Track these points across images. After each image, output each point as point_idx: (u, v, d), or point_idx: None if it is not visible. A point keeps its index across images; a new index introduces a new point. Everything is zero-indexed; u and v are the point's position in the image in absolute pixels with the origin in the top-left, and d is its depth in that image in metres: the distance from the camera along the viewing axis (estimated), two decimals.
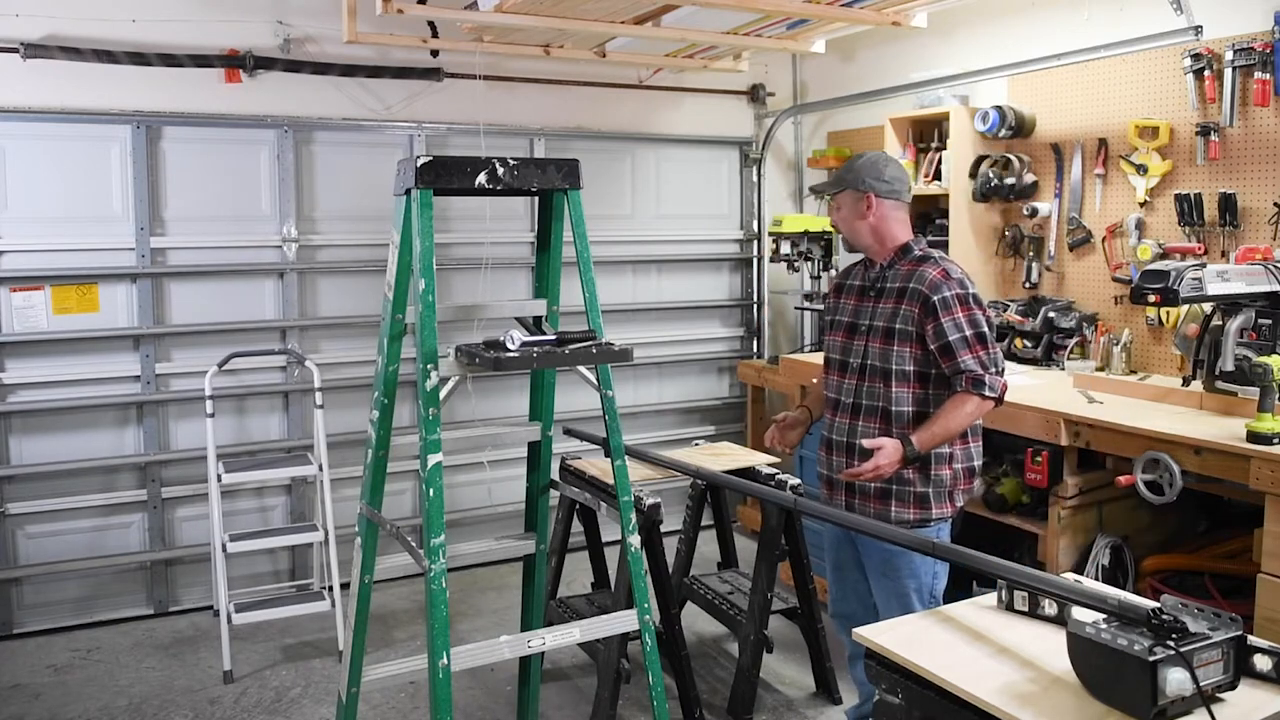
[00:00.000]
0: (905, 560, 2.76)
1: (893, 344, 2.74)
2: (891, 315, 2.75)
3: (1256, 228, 3.57)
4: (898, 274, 2.79)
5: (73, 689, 3.79)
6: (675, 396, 5.65)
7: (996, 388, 2.67)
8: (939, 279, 2.70)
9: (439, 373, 2.46)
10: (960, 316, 2.67)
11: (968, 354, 2.65)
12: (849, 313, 2.91)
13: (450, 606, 2.52)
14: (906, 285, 2.74)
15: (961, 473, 2.79)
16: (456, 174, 2.51)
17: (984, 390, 2.64)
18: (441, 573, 2.43)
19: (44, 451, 4.27)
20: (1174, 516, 3.52)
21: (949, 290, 2.68)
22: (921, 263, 2.77)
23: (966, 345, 2.65)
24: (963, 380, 2.65)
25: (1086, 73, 4.08)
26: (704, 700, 3.54)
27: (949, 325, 2.66)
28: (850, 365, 2.85)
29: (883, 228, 2.82)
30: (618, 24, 4.17)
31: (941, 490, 2.76)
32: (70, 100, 4.17)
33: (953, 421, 2.66)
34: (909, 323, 2.71)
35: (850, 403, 2.83)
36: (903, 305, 2.73)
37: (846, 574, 3.02)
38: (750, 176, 5.75)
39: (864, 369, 2.81)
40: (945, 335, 2.66)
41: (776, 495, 3.25)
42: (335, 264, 4.74)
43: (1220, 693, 1.64)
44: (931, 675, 1.81)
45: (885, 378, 2.75)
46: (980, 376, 2.64)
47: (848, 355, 2.86)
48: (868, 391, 2.79)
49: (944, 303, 2.67)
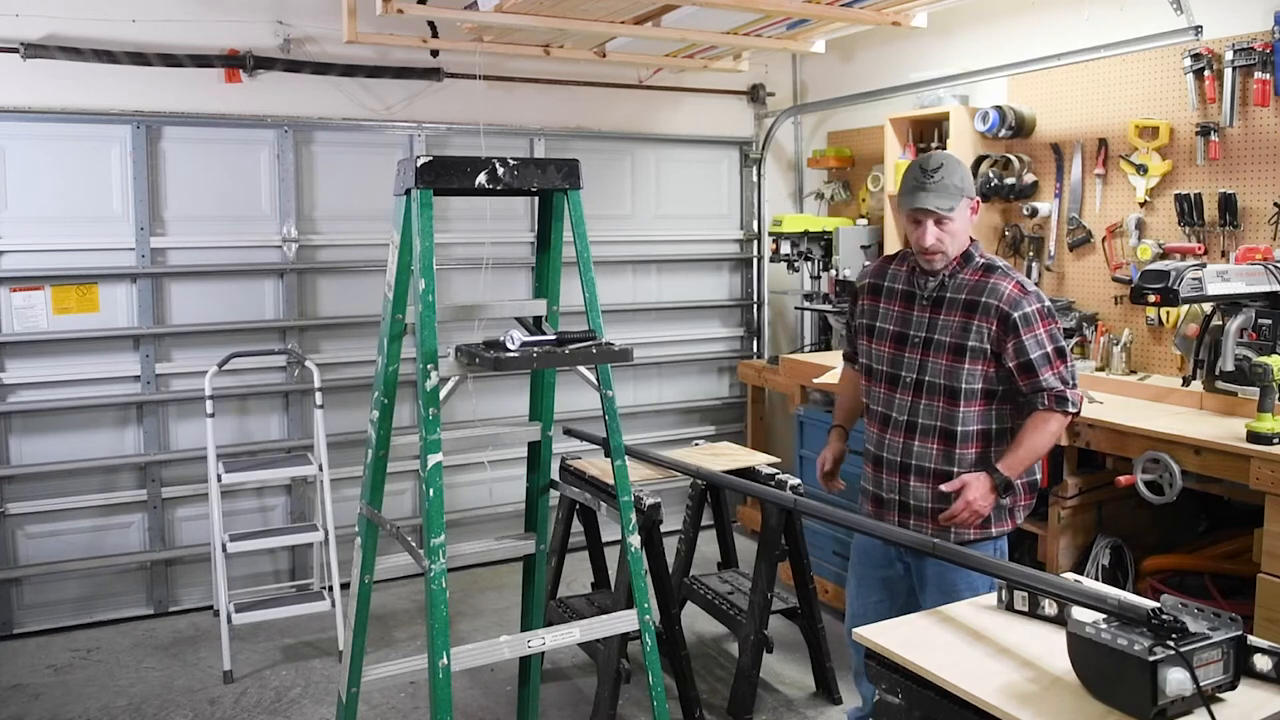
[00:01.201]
0: (964, 578, 2.58)
1: (963, 361, 2.58)
2: (961, 330, 2.58)
3: (1256, 228, 3.57)
4: (963, 284, 2.62)
5: (73, 689, 3.79)
6: (675, 396, 5.65)
7: (1078, 403, 2.58)
8: (1017, 294, 2.55)
9: (439, 373, 2.46)
10: (1041, 333, 2.55)
11: (1049, 371, 2.54)
12: (896, 320, 2.72)
13: (450, 606, 2.52)
14: (977, 299, 2.58)
15: (1024, 489, 2.68)
16: (456, 174, 2.51)
17: (1068, 407, 2.55)
18: (441, 573, 2.43)
19: (44, 451, 4.27)
20: (1174, 516, 3.52)
21: (1030, 305, 2.55)
22: (989, 273, 2.61)
23: (1048, 362, 2.54)
24: (1045, 398, 2.54)
25: (1086, 73, 4.08)
26: (704, 700, 3.54)
27: (1031, 343, 2.53)
28: (903, 380, 2.68)
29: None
30: (618, 24, 4.18)
31: (1002, 509, 2.64)
32: (70, 100, 4.17)
33: (1039, 442, 2.55)
34: (983, 339, 2.56)
35: (905, 420, 2.67)
36: (974, 320, 2.57)
37: (871, 591, 2.87)
38: (750, 176, 5.75)
39: (921, 385, 2.64)
40: (1028, 353, 2.53)
41: (776, 495, 3.25)
42: (335, 264, 4.74)
43: (1220, 693, 1.64)
44: (931, 675, 1.81)
45: (952, 396, 2.60)
46: (1064, 394, 2.54)
47: (899, 369, 2.69)
48: (925, 410, 2.64)
49: (1025, 319, 2.53)
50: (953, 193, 2.57)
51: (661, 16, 4.16)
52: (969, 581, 2.58)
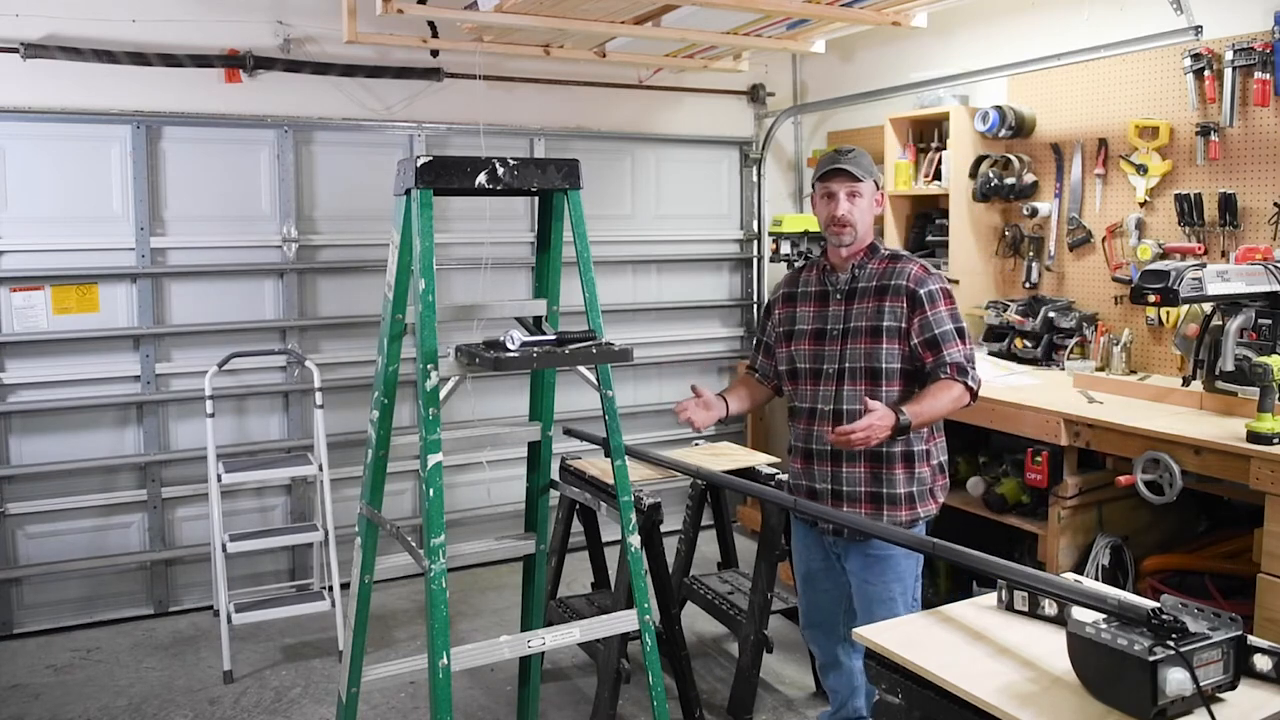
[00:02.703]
0: (890, 563, 2.73)
1: (880, 342, 2.70)
2: (875, 314, 2.72)
3: (1256, 228, 3.57)
4: (872, 273, 2.77)
5: (73, 689, 3.79)
6: (675, 396, 5.59)
7: (978, 382, 2.70)
8: (922, 274, 2.71)
9: (439, 373, 2.46)
10: (944, 311, 2.68)
11: (954, 346, 2.66)
12: (812, 320, 2.84)
13: (450, 606, 2.52)
14: (887, 283, 2.72)
15: (937, 469, 2.80)
16: (456, 174, 2.51)
17: (968, 380, 2.65)
18: (441, 573, 2.43)
19: (44, 451, 4.27)
20: (1174, 516, 3.52)
21: (934, 284, 2.69)
22: (895, 260, 2.77)
23: (953, 338, 2.66)
24: (948, 369, 2.64)
25: (1086, 73, 4.08)
26: (704, 700, 3.54)
27: (936, 318, 2.66)
28: (825, 371, 2.78)
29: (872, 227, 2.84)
30: (618, 24, 4.17)
31: (925, 488, 2.76)
32: (70, 100, 4.17)
33: (939, 403, 2.63)
34: (896, 318, 2.69)
35: (830, 409, 2.75)
36: (887, 301, 2.71)
37: (817, 583, 2.96)
38: (750, 176, 5.75)
39: (843, 373, 2.75)
40: (933, 328, 2.66)
41: (776, 495, 3.24)
42: (335, 264, 4.74)
43: (1220, 693, 1.64)
44: (931, 675, 1.80)
45: (873, 377, 2.71)
46: (965, 367, 2.66)
47: (820, 362, 2.79)
48: (849, 395, 2.73)
49: (930, 296, 2.67)
50: (864, 169, 2.75)
51: (661, 16, 4.16)
52: (897, 572, 2.73)
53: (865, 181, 2.76)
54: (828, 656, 3.03)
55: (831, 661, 3.02)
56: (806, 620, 3.05)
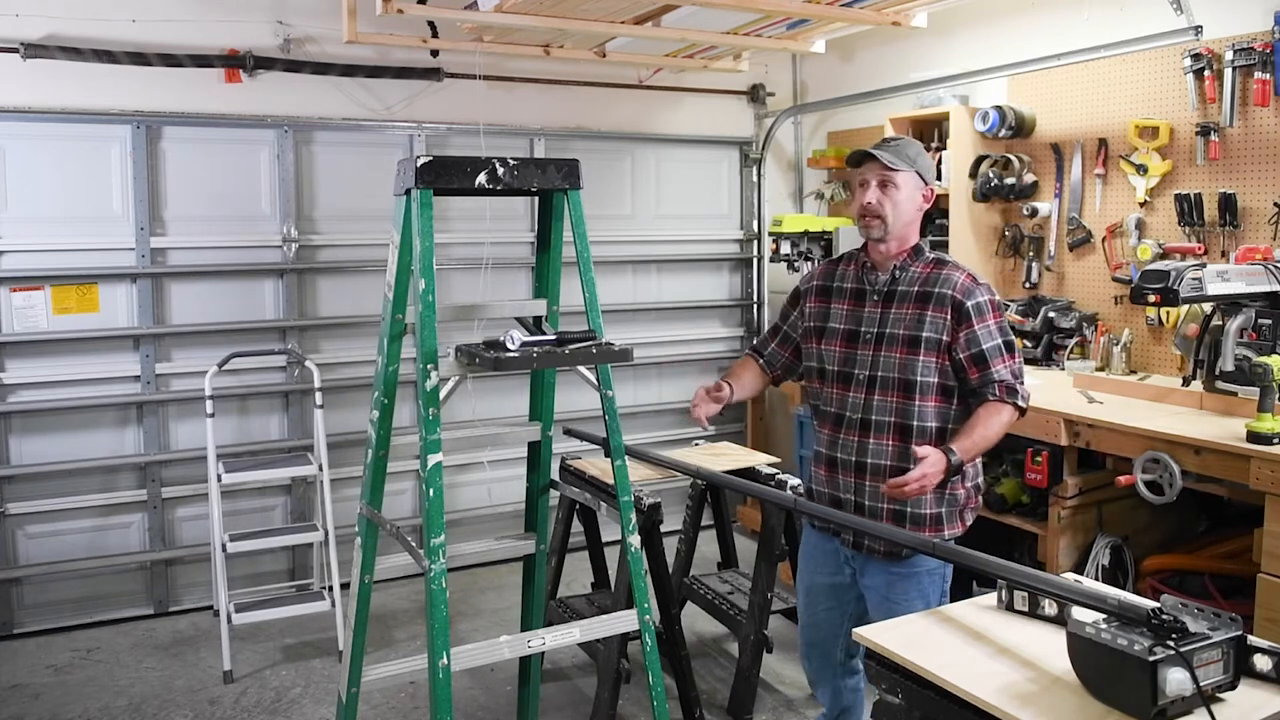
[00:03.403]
0: (914, 581, 2.57)
1: (918, 353, 2.52)
2: (915, 322, 2.53)
3: (1256, 228, 3.57)
4: (914, 276, 2.57)
5: (73, 689, 3.79)
6: (675, 396, 5.64)
7: (1028, 398, 2.55)
8: (970, 284, 2.52)
9: (439, 373, 2.46)
10: (993, 324, 2.51)
11: (1001, 363, 2.50)
12: (845, 318, 2.66)
13: (450, 606, 2.52)
14: (930, 290, 2.53)
15: (973, 490, 2.64)
16: (456, 174, 2.51)
17: (1018, 400, 2.50)
18: (441, 573, 2.43)
19: (44, 451, 4.27)
20: (1174, 516, 3.52)
21: (982, 296, 2.51)
22: (940, 265, 2.57)
23: (1000, 354, 2.50)
24: (996, 389, 2.49)
25: (1086, 73, 4.08)
26: (704, 700, 3.54)
27: (983, 333, 2.49)
28: (856, 377, 2.61)
29: (917, 224, 2.63)
30: (618, 24, 4.18)
31: (955, 509, 2.59)
32: (70, 100, 4.17)
33: (991, 430, 2.48)
34: (938, 330, 2.51)
35: (858, 418, 2.59)
36: (928, 311, 2.52)
37: (818, 600, 2.79)
38: (750, 176, 5.75)
39: (875, 381, 2.57)
40: (980, 343, 2.49)
41: (776, 495, 3.24)
42: (335, 264, 4.74)
43: (1220, 693, 1.64)
44: (931, 675, 1.80)
45: (906, 390, 2.53)
46: (1014, 386, 2.50)
47: (851, 366, 2.62)
48: (879, 406, 2.57)
49: (978, 309, 2.50)
50: (904, 159, 2.55)
51: (661, 16, 4.16)
52: (920, 590, 2.57)
53: (904, 172, 2.54)
54: (819, 674, 2.87)
55: (822, 679, 2.87)
56: (804, 637, 2.87)
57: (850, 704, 2.86)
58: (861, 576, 2.68)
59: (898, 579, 2.59)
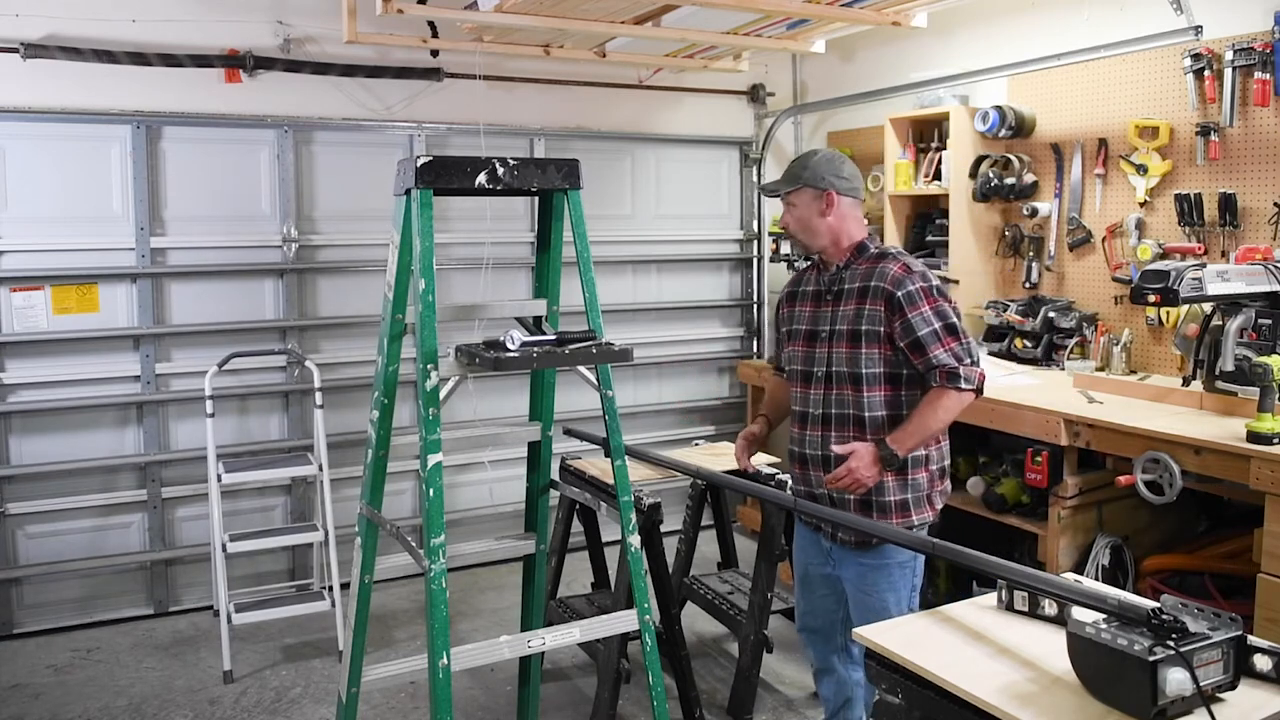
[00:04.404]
0: (884, 573, 2.66)
1: (860, 346, 2.61)
2: (855, 317, 2.63)
3: (1256, 228, 3.57)
4: (856, 273, 2.67)
5: (73, 689, 3.79)
6: (675, 396, 5.65)
7: (974, 379, 2.56)
8: (901, 274, 2.59)
9: (439, 373, 2.46)
10: (927, 310, 2.56)
11: (939, 347, 2.54)
12: (806, 320, 2.77)
13: (450, 606, 2.52)
14: (868, 284, 2.62)
15: (937, 474, 2.70)
16: (456, 174, 2.51)
17: (960, 383, 2.53)
18: (441, 573, 2.43)
19: (44, 451, 4.27)
20: (1174, 516, 3.52)
21: (913, 284, 2.57)
22: (880, 259, 2.66)
23: (937, 339, 2.54)
24: (937, 375, 2.54)
25: (1086, 73, 4.08)
26: (704, 700, 3.54)
27: (917, 320, 2.55)
28: (815, 374, 2.71)
29: (841, 227, 2.70)
30: (618, 24, 4.18)
31: (920, 495, 2.66)
32: (70, 100, 4.17)
33: (930, 419, 2.55)
34: (875, 322, 2.59)
35: (819, 414, 2.70)
36: (866, 305, 2.61)
37: (814, 588, 2.88)
38: (750, 176, 5.75)
39: (830, 376, 2.68)
40: (915, 330, 2.55)
41: (776, 495, 3.24)
42: (335, 264, 4.74)
43: (1220, 693, 1.63)
44: (931, 675, 1.80)
45: (855, 383, 2.63)
46: (955, 369, 2.53)
47: (811, 364, 2.73)
48: (837, 400, 2.66)
49: (909, 297, 2.55)
50: (789, 178, 2.73)
51: (661, 16, 4.16)
52: (890, 582, 2.66)
53: (796, 190, 2.70)
54: (822, 662, 2.95)
55: (826, 668, 2.95)
56: (802, 623, 2.98)
57: (853, 696, 2.90)
58: (839, 568, 2.78)
59: (868, 570, 2.70)
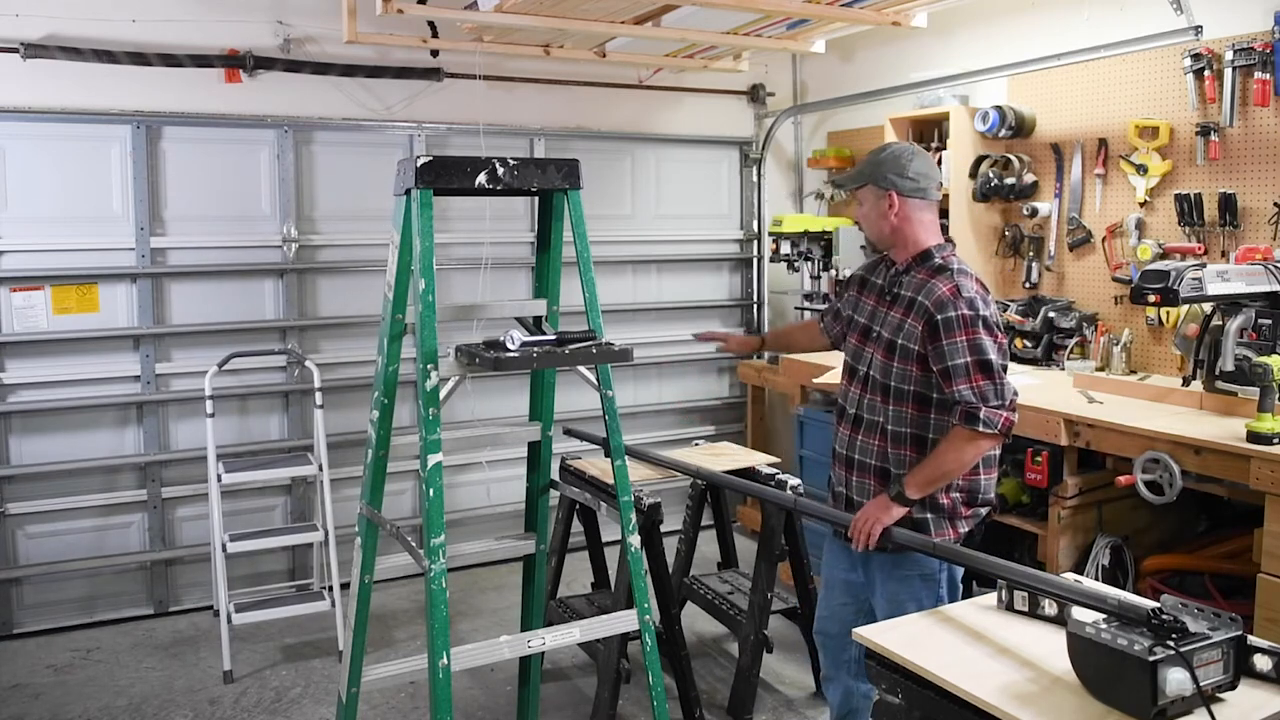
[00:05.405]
0: (907, 586, 2.58)
1: (894, 359, 2.53)
2: (897, 328, 2.54)
3: (1256, 228, 3.57)
4: (912, 282, 2.55)
5: (73, 689, 3.79)
6: (675, 396, 5.65)
7: (995, 423, 2.39)
8: (947, 296, 2.44)
9: (439, 373, 2.46)
10: (963, 340, 2.41)
11: (965, 383, 2.40)
12: (867, 315, 2.68)
13: (450, 606, 2.52)
14: (915, 297, 2.51)
15: (960, 499, 2.56)
16: (456, 174, 2.51)
17: (977, 425, 2.38)
18: (441, 573, 2.43)
19: (44, 451, 4.27)
20: (1174, 516, 3.52)
21: (954, 310, 2.42)
22: (936, 274, 2.51)
23: (966, 373, 2.41)
24: (957, 412, 2.42)
25: (1086, 73, 4.08)
26: (704, 700, 3.54)
27: (951, 348, 2.42)
28: (858, 373, 2.65)
29: (906, 229, 2.56)
30: (618, 24, 4.18)
31: (940, 517, 2.55)
32: (70, 100, 4.17)
33: (945, 462, 2.43)
34: (912, 339, 2.49)
35: (853, 414, 2.65)
36: (909, 319, 2.51)
37: (835, 593, 2.82)
38: (750, 176, 5.75)
39: (868, 380, 2.61)
40: (946, 359, 2.42)
41: (776, 495, 3.25)
42: (335, 264, 4.74)
43: (1220, 693, 1.64)
44: (931, 675, 1.81)
45: (884, 394, 2.56)
46: (975, 410, 2.38)
47: (858, 361, 2.66)
48: (869, 405, 2.60)
49: (947, 323, 2.42)
50: (856, 174, 2.69)
51: (661, 16, 4.16)
52: (913, 594, 2.57)
53: (863, 188, 2.63)
54: (832, 668, 2.90)
55: (833, 675, 2.89)
56: (819, 626, 2.90)
57: (859, 708, 2.86)
58: (864, 574, 2.71)
59: (892, 580, 2.62)
